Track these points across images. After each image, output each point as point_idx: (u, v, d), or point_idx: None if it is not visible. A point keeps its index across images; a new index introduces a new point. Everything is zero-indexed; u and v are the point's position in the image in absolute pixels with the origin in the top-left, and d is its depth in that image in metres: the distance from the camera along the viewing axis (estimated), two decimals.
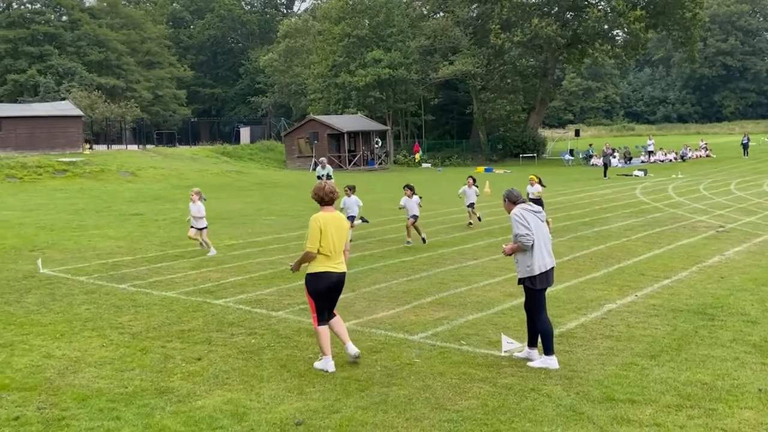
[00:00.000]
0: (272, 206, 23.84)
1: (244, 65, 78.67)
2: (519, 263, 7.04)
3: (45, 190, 29.35)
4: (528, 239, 6.87)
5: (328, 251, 6.84)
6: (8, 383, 6.60)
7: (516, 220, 6.98)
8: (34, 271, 12.31)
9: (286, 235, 16.72)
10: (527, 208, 7.10)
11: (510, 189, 7.36)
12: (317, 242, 6.80)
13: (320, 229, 6.81)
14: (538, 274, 6.92)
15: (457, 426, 5.46)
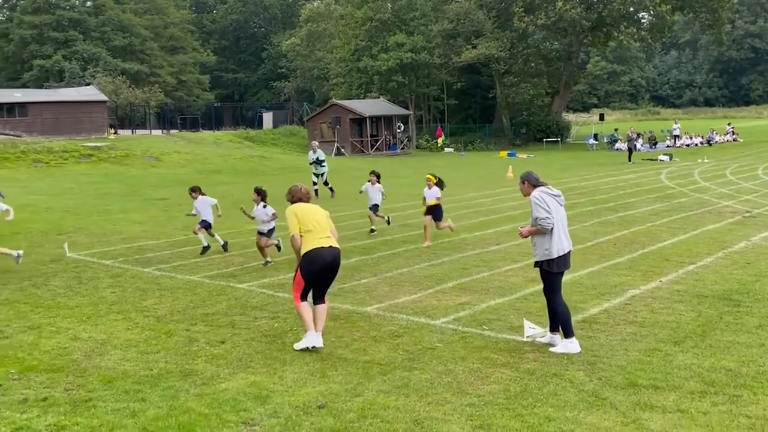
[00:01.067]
0: None
1: (267, 50, 78.76)
2: (537, 246, 7.03)
3: (71, 174, 29.69)
4: (548, 222, 6.85)
5: (311, 226, 7.07)
6: (36, 365, 6.71)
7: (536, 203, 6.95)
8: (60, 254, 12.47)
9: None
10: (547, 191, 7.07)
11: (529, 171, 7.34)
12: (296, 226, 7.07)
13: (295, 214, 7.13)
14: (556, 258, 6.90)
15: (478, 410, 5.47)
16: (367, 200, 15.17)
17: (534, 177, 7.21)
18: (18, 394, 5.97)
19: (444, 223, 13.65)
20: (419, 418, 5.36)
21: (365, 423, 5.28)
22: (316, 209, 7.31)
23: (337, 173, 32.86)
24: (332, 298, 9.16)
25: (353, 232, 14.95)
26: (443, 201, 14.02)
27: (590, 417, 5.32)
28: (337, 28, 60.05)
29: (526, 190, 7.19)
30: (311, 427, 5.23)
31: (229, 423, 5.31)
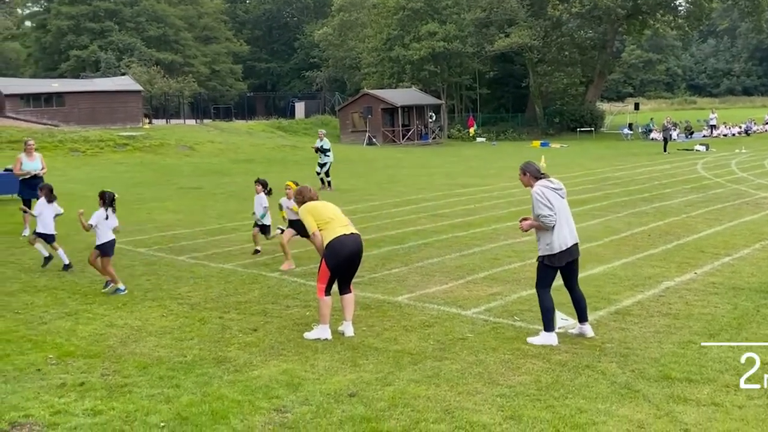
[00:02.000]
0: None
1: (299, 40, 78.92)
2: (540, 240, 6.94)
3: (106, 163, 30.13)
4: (550, 220, 6.75)
5: (328, 218, 7.09)
6: (73, 350, 6.85)
7: (538, 199, 6.82)
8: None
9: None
10: (548, 185, 6.94)
11: (528, 161, 7.23)
12: (314, 223, 7.06)
13: (309, 212, 7.13)
14: (557, 252, 6.82)
15: (509, 401, 5.46)
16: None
17: (534, 167, 7.11)
18: (56, 378, 6.10)
19: (279, 238, 10.96)
20: (450, 408, 5.37)
21: (396, 412, 5.31)
22: (328, 204, 7.37)
23: (368, 163, 32.90)
24: (363, 287, 9.20)
25: (385, 222, 14.97)
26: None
27: (622, 409, 5.28)
28: (369, 17, 59.95)
29: (526, 181, 7.07)
30: (342, 415, 5.27)
31: (262, 410, 5.37)
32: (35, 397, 5.66)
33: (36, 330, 7.56)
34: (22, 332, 7.47)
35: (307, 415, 5.28)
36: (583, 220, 14.52)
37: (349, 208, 16.86)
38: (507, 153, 39.10)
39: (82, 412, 5.36)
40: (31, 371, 6.28)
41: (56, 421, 5.20)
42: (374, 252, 11.52)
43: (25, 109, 40.58)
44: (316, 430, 5.05)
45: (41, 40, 67.96)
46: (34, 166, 13.71)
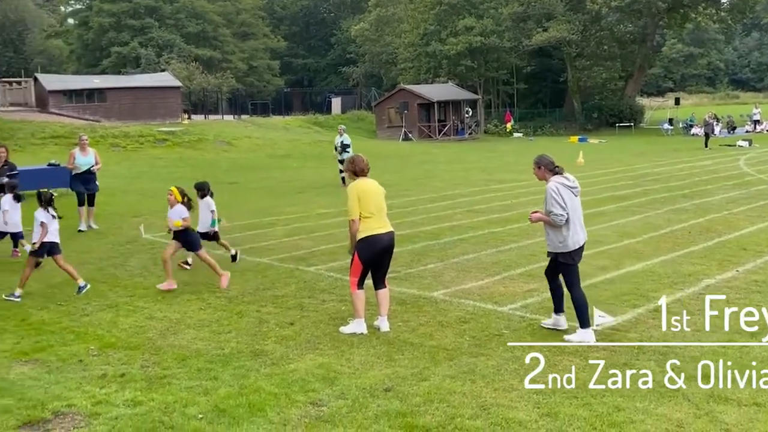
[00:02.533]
0: None
1: (336, 35, 79.10)
2: (550, 237, 6.93)
3: (146, 158, 30.58)
4: (561, 219, 6.74)
5: (370, 212, 7.01)
6: (114, 342, 6.98)
7: (552, 196, 6.79)
8: (137, 236, 12.88)
9: None
10: (564, 182, 6.90)
11: (543, 155, 7.21)
12: (357, 210, 6.98)
13: (358, 196, 7.00)
14: (573, 250, 6.84)
15: (546, 398, 5.42)
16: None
17: (549, 161, 7.06)
18: (98, 369, 6.22)
19: (206, 255, 9.46)
20: (485, 404, 5.35)
21: (431, 407, 5.31)
22: (377, 189, 7.23)
23: (404, 158, 32.88)
24: (399, 282, 9.21)
25: (420, 217, 14.95)
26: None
27: (661, 408, 5.22)
28: (406, 12, 59.83)
29: (541, 174, 7.04)
30: (378, 409, 5.29)
31: (298, 403, 5.41)
32: (77, 387, 5.79)
33: (78, 322, 7.72)
34: (65, 324, 7.63)
35: (343, 409, 5.31)
36: (622, 217, 14.33)
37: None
38: (544, 148, 38.67)
39: (123, 402, 5.46)
40: (74, 362, 6.42)
41: (98, 411, 5.31)
42: (409, 247, 11.52)
43: (67, 105, 41.32)
44: (352, 424, 5.07)
45: (83, 37, 69.11)
46: (87, 161, 13.75)
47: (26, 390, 5.73)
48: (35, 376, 6.07)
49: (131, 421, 5.11)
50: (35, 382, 5.91)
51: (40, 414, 5.27)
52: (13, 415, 5.24)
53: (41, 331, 7.36)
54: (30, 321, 7.73)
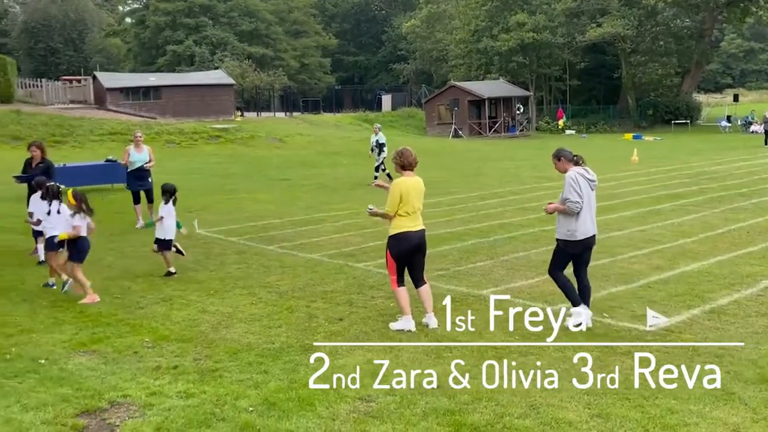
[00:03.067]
0: None
1: (387, 32, 79.18)
2: (560, 224, 7.14)
3: (200, 155, 31.12)
4: (577, 206, 6.94)
5: (406, 212, 7.11)
6: (168, 334, 7.13)
7: (571, 183, 6.99)
8: (191, 231, 13.12)
9: (424, 202, 16.79)
10: (582, 173, 7.10)
11: (562, 147, 7.40)
12: (396, 206, 7.09)
13: (401, 195, 7.08)
14: (580, 240, 7.05)
15: (597, 399, 5.35)
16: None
17: (569, 153, 7.24)
18: (152, 361, 6.36)
19: (78, 273, 8.58)
20: (535, 404, 5.30)
21: (480, 405, 5.28)
22: (419, 189, 7.27)
23: (454, 155, 32.75)
24: (447, 279, 9.19)
25: (469, 215, 14.88)
26: None
27: (716, 411, 5.09)
28: (457, 8, 59.52)
29: (562, 166, 7.20)
30: (426, 406, 5.29)
31: (347, 398, 5.45)
32: (132, 378, 5.93)
33: (133, 314, 7.90)
34: (121, 316, 7.82)
35: (392, 405, 5.32)
36: (677, 216, 14.03)
37: (433, 201, 16.86)
38: (597, 146, 38.15)
39: (176, 394, 5.57)
40: (129, 353, 6.58)
41: (151, 402, 5.43)
42: (459, 245, 11.48)
43: (124, 102, 42.31)
44: (400, 420, 5.08)
45: (140, 36, 70.60)
46: (141, 158, 13.86)
47: (84, 380, 5.89)
48: (92, 366, 6.24)
49: (184, 413, 5.22)
50: (92, 373, 6.07)
51: (97, 403, 5.41)
52: (72, 403, 5.40)
53: (98, 323, 7.55)
54: (87, 313, 7.94)
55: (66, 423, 5.08)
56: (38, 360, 6.37)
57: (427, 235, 7.44)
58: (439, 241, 11.83)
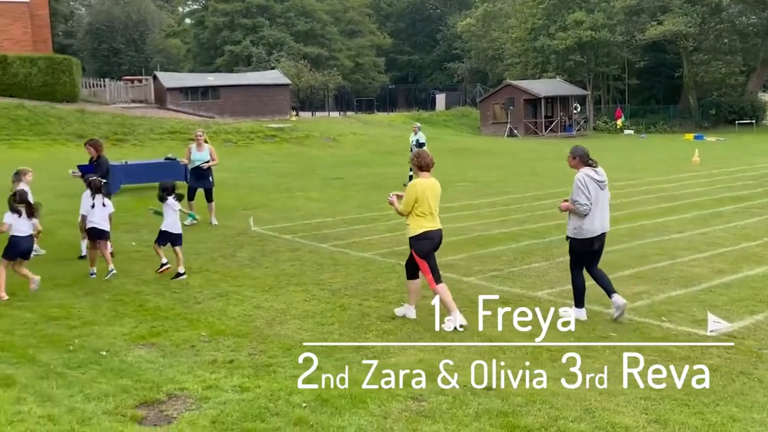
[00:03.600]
0: (465, 172, 23.91)
1: (442, 31, 78.95)
2: (570, 222, 7.42)
3: (256, 153, 31.54)
4: (585, 209, 7.17)
5: (423, 212, 7.35)
6: (224, 329, 7.24)
7: (579, 186, 7.23)
8: (246, 228, 13.31)
9: (478, 202, 16.73)
10: (592, 175, 7.27)
11: (578, 146, 7.63)
12: (410, 206, 7.35)
13: (416, 197, 7.32)
14: (585, 238, 7.27)
15: (654, 404, 5.23)
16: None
17: (584, 152, 7.44)
18: (208, 355, 6.47)
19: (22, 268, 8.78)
20: (590, 408, 5.22)
21: (533, 408, 5.22)
22: (435, 190, 7.48)
23: (509, 155, 32.47)
24: (501, 280, 9.11)
25: (524, 215, 14.72)
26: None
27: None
28: (514, 7, 58.99)
29: (575, 164, 7.44)
30: (478, 407, 5.25)
31: (399, 397, 5.45)
32: (189, 371, 6.04)
33: (191, 309, 8.06)
34: (179, 310, 7.98)
35: (444, 405, 5.30)
36: (740, 218, 13.64)
37: (488, 201, 16.75)
38: (657, 146, 37.34)
39: (231, 388, 5.66)
40: (186, 347, 6.71)
41: (208, 395, 5.52)
42: (513, 245, 11.38)
43: (184, 101, 43.18)
44: (452, 420, 5.06)
45: (199, 37, 71.95)
46: (201, 156, 13.95)
47: (143, 372, 6.03)
48: (151, 359, 6.38)
49: (239, 407, 5.29)
50: (151, 365, 6.21)
51: (155, 395, 5.53)
52: (131, 395, 5.54)
53: (157, 316, 7.73)
54: (147, 307, 8.13)
55: (126, 414, 5.21)
56: (100, 351, 6.55)
57: (482, 235, 7.41)
58: (494, 241, 11.74)
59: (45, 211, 11.51)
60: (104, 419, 5.11)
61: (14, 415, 5.13)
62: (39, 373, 6.00)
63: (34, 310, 7.95)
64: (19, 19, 39.53)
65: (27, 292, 8.68)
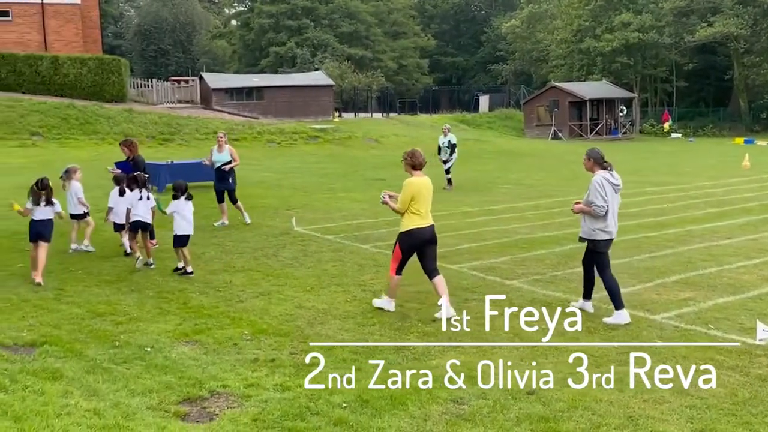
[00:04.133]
0: (508, 174, 23.75)
1: (486, 33, 78.48)
2: (585, 223, 7.52)
3: (299, 154, 31.77)
4: (602, 210, 7.30)
5: (418, 210, 7.67)
6: (266, 328, 7.31)
7: (596, 188, 7.34)
8: (288, 228, 13.41)
9: (521, 204, 16.60)
10: (608, 178, 7.39)
11: (594, 148, 7.68)
12: (407, 204, 7.66)
13: (412, 195, 7.63)
14: (603, 240, 7.42)
15: (700, 413, 5.12)
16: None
17: (600, 155, 7.53)
18: (250, 353, 6.54)
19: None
20: (633, 415, 5.13)
21: (575, 414, 5.16)
22: (429, 188, 7.77)
23: (553, 158, 32.13)
24: (544, 284, 9.02)
25: (568, 219, 14.55)
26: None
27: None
28: (560, 8, 58.40)
29: (590, 166, 7.57)
30: (519, 412, 5.21)
31: (439, 399, 5.43)
32: (231, 369, 6.11)
33: (234, 307, 8.15)
34: (222, 309, 8.08)
35: (484, 408, 5.27)
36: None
37: (532, 204, 16.61)
38: (705, 150, 36.60)
39: (272, 386, 5.71)
40: (229, 345, 6.78)
41: (249, 393, 5.58)
42: (557, 249, 11.26)
43: (229, 102, 43.70)
44: (493, 424, 5.03)
45: (245, 38, 72.73)
46: (222, 158, 13.88)
47: (186, 369, 6.12)
48: (194, 356, 6.47)
49: (280, 405, 5.33)
50: (194, 362, 6.30)
51: (198, 392, 5.61)
52: (175, 391, 5.62)
53: (200, 314, 7.83)
54: (191, 305, 8.25)
55: (169, 409, 5.29)
56: (144, 348, 6.67)
57: (525, 238, 7.35)
58: (537, 244, 11.64)
59: (93, 209, 11.80)
60: (148, 414, 5.20)
61: (61, 408, 5.25)
62: (86, 367, 6.13)
63: (82, 305, 8.13)
64: (71, 20, 40.51)
65: (75, 287, 8.89)
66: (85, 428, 4.94)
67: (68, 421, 5.04)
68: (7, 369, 6.02)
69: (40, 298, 8.42)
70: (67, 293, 8.67)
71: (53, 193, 9.45)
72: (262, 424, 5.06)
